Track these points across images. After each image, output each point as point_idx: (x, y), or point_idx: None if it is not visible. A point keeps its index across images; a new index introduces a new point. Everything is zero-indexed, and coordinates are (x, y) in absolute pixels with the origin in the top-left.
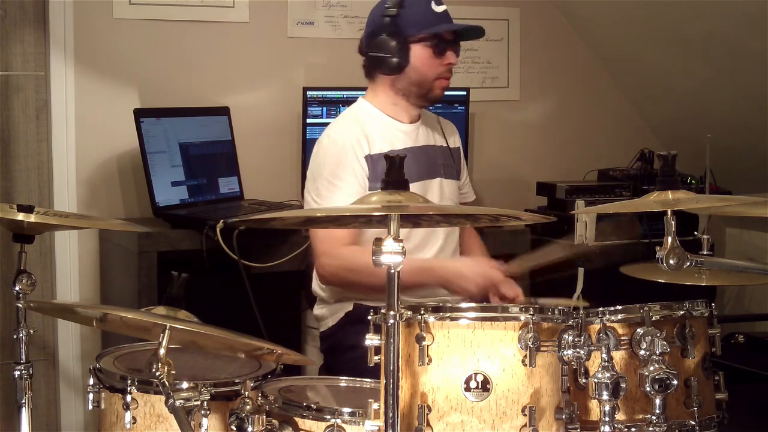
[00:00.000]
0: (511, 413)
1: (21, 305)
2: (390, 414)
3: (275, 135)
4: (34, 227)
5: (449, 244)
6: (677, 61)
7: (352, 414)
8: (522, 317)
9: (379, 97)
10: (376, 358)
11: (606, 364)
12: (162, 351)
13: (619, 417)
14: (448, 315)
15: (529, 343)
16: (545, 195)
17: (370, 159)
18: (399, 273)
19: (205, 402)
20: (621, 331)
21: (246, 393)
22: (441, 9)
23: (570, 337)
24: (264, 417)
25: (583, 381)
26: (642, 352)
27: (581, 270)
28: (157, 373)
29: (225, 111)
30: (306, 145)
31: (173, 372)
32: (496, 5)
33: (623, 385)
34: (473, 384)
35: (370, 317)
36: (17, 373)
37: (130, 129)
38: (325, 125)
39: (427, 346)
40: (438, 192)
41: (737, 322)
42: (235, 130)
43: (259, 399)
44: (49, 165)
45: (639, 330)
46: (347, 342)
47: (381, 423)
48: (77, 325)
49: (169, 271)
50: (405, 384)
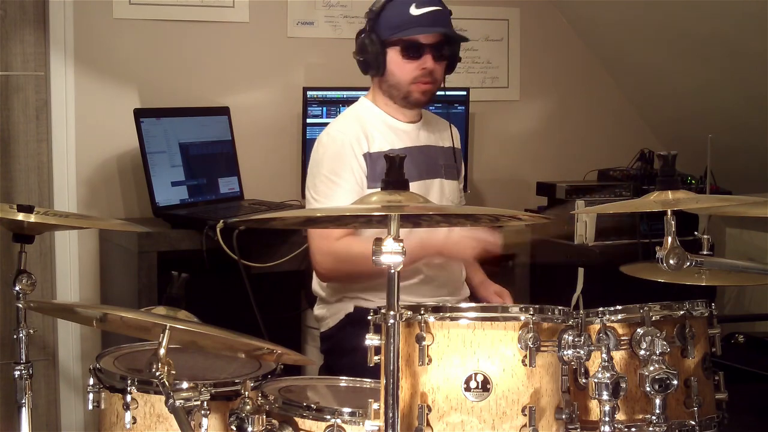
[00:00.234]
0: (511, 413)
1: (21, 305)
2: (390, 414)
3: (275, 135)
4: (34, 227)
5: None
6: (677, 61)
7: (352, 414)
8: (522, 317)
9: (378, 97)
10: (376, 358)
11: (606, 364)
12: (162, 351)
13: (619, 417)
14: (448, 315)
15: (529, 343)
16: (545, 195)
17: (369, 157)
18: (399, 273)
19: (205, 402)
20: (621, 331)
21: (246, 393)
22: (420, 12)
23: (570, 337)
24: (264, 417)
25: (583, 381)
26: (642, 352)
27: (581, 270)
28: (157, 373)
29: (225, 111)
30: (306, 145)
31: (173, 372)
32: (496, 5)
33: (623, 385)
34: (473, 384)
35: (370, 317)
36: (17, 373)
37: (130, 129)
38: (325, 125)
39: (427, 346)
40: (438, 192)
41: (737, 322)
42: (235, 130)
43: (259, 399)
44: (49, 165)
45: (639, 330)
46: (348, 343)
47: (381, 423)
48: (77, 325)
49: (169, 271)
50: (405, 384)
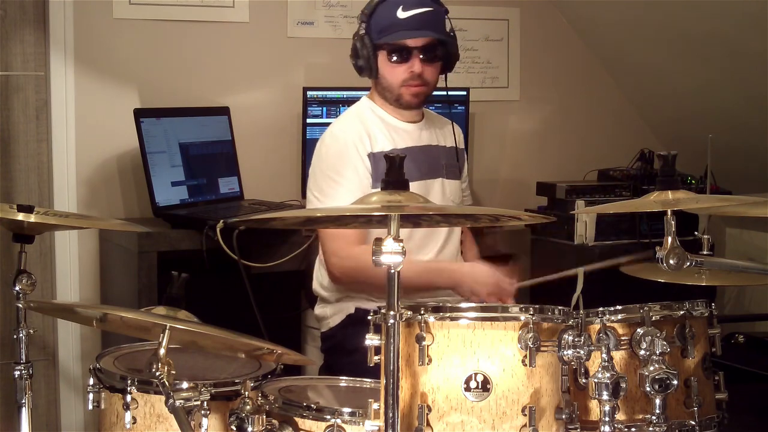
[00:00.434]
0: (511, 413)
1: (21, 305)
2: (390, 414)
3: (275, 135)
4: (34, 227)
5: (450, 244)
6: (677, 61)
7: (352, 414)
8: (522, 317)
9: (376, 98)
10: (376, 358)
11: (606, 364)
12: (162, 351)
13: (619, 417)
14: (448, 315)
15: (529, 343)
16: (545, 195)
17: (372, 157)
18: (399, 273)
19: (205, 402)
20: (621, 331)
21: (246, 393)
22: (407, 15)
23: (570, 337)
24: (264, 417)
25: (583, 381)
26: (642, 352)
27: (581, 270)
28: (157, 373)
29: (225, 111)
30: (306, 146)
31: (173, 372)
32: (496, 5)
33: (623, 385)
34: (473, 384)
35: (370, 317)
36: (17, 373)
37: (130, 129)
38: (326, 125)
39: (427, 346)
40: (440, 192)
41: (737, 322)
42: (235, 130)
43: (259, 399)
44: (49, 165)
45: (639, 330)
46: (348, 344)
47: (381, 423)
48: (77, 325)
49: (169, 271)
50: (405, 384)
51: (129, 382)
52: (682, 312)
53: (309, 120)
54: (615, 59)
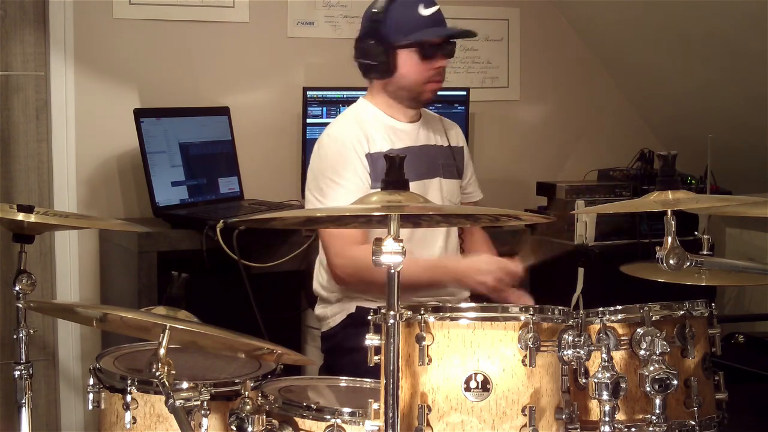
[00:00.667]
0: (511, 413)
1: (21, 305)
2: (390, 414)
3: (275, 135)
4: (34, 227)
5: (450, 243)
6: (677, 61)
7: (352, 414)
8: (522, 317)
9: (376, 98)
10: (376, 358)
11: (606, 364)
12: (162, 351)
13: (619, 417)
14: (448, 315)
15: (529, 343)
16: (545, 195)
17: (370, 157)
18: (399, 273)
19: (205, 402)
20: (621, 331)
21: (246, 393)
22: (429, 12)
23: (570, 337)
24: (264, 417)
25: (583, 381)
26: (642, 352)
27: (581, 270)
28: (157, 373)
29: (225, 111)
30: (306, 146)
31: (173, 372)
32: (496, 5)
33: (623, 385)
34: (473, 384)
35: (370, 317)
36: (17, 373)
37: (130, 129)
38: (325, 125)
39: (427, 346)
40: (438, 191)
41: (737, 322)
42: (235, 130)
43: (259, 399)
44: (49, 165)
45: (639, 330)
46: (349, 344)
47: (381, 423)
48: (77, 325)
49: (169, 271)
50: (405, 384)
51: (129, 382)
52: (682, 312)
53: (309, 120)
54: (615, 59)
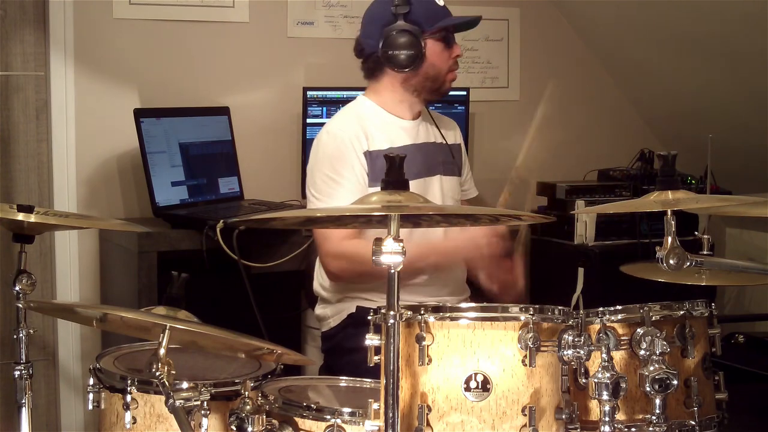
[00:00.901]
0: (511, 413)
1: (21, 305)
2: (390, 414)
3: (275, 135)
4: (34, 227)
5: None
6: (677, 61)
7: (352, 414)
8: (522, 317)
9: (383, 95)
10: (376, 358)
11: (606, 364)
12: (162, 351)
13: (619, 417)
14: (448, 315)
15: (529, 343)
16: (545, 195)
17: (369, 155)
18: (399, 272)
19: (205, 402)
20: (621, 331)
21: (246, 393)
22: (442, 3)
23: (570, 337)
24: (264, 417)
25: (583, 381)
26: (642, 352)
27: (581, 270)
28: (157, 373)
29: (225, 111)
30: (306, 146)
31: (173, 372)
32: (496, 5)
33: (623, 385)
34: (473, 384)
35: (370, 317)
36: (17, 373)
37: (130, 129)
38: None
39: (427, 346)
40: (438, 189)
41: (737, 322)
42: (235, 130)
43: (259, 399)
44: (49, 165)
45: (639, 330)
46: (349, 344)
47: (381, 423)
48: (77, 325)
49: (169, 271)
50: (405, 384)
51: (129, 382)
52: (682, 312)
53: (309, 120)
54: (615, 59)
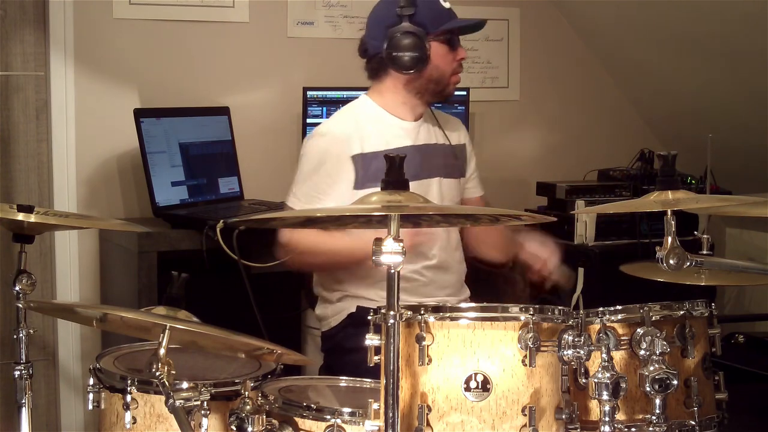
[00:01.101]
0: (511, 413)
1: (21, 305)
2: (390, 414)
3: (275, 135)
4: (34, 227)
5: (450, 241)
6: (677, 61)
7: (352, 414)
8: (522, 317)
9: (385, 96)
10: (376, 358)
11: (606, 364)
12: (162, 351)
13: (619, 417)
14: (448, 315)
15: (529, 343)
16: (545, 195)
17: (361, 158)
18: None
19: (205, 402)
20: (621, 331)
21: (246, 393)
22: (447, 5)
23: (570, 337)
24: (264, 417)
25: (583, 381)
26: (642, 352)
27: (581, 270)
28: (157, 373)
29: (225, 111)
30: None
31: (173, 372)
32: (496, 5)
33: (623, 385)
34: (473, 384)
35: (370, 317)
36: (17, 373)
37: (130, 129)
38: None
39: (427, 346)
40: (437, 192)
41: (737, 322)
42: (235, 130)
43: (259, 399)
44: (49, 165)
45: (639, 330)
46: (349, 344)
47: (381, 423)
48: (77, 325)
49: (169, 271)
50: (405, 384)
51: (129, 382)
52: (682, 312)
53: (309, 120)
54: (615, 59)
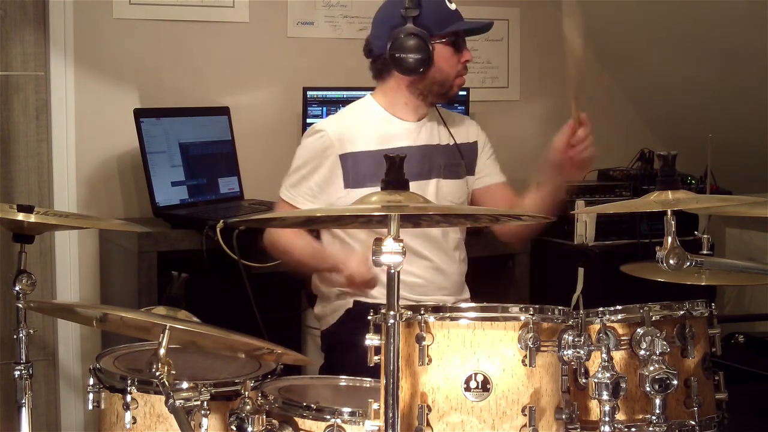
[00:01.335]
0: (511, 413)
1: (21, 305)
2: (390, 414)
3: (275, 135)
4: (34, 227)
5: (449, 241)
6: (677, 61)
7: (352, 414)
8: (522, 317)
9: (388, 96)
10: (376, 358)
11: (606, 364)
12: (162, 351)
13: (619, 417)
14: (448, 315)
15: (529, 343)
16: None
17: (350, 157)
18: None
19: (205, 402)
20: (621, 331)
21: (246, 393)
22: (454, 7)
23: (570, 337)
24: (264, 417)
25: (583, 381)
26: (642, 352)
27: (581, 270)
28: (157, 373)
29: (225, 111)
30: None
31: (173, 372)
32: (496, 5)
33: (623, 385)
34: (473, 384)
35: (370, 317)
36: (17, 373)
37: (130, 129)
38: None
39: (427, 346)
40: (433, 193)
41: (737, 322)
42: (235, 130)
43: (259, 399)
44: (49, 165)
45: (639, 330)
46: (348, 340)
47: (381, 423)
48: (77, 325)
49: (169, 271)
50: (405, 384)
51: (129, 382)
52: (682, 312)
53: (309, 120)
54: (615, 59)
